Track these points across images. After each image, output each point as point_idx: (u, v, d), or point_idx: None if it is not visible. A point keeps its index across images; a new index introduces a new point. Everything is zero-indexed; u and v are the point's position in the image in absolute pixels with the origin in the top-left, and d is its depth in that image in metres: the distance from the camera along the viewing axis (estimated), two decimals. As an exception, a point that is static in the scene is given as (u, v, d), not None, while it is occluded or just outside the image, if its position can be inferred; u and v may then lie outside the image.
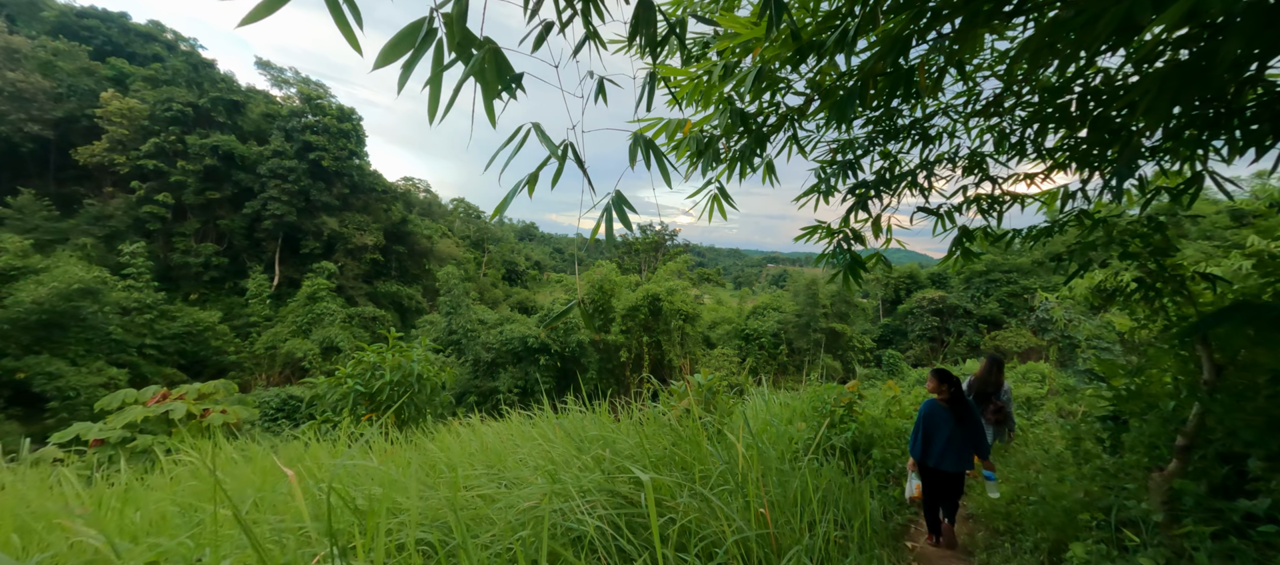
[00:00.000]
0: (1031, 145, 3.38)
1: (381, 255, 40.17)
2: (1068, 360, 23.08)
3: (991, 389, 4.81)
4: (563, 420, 4.81)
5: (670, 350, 30.38)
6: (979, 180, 3.60)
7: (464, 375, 28.68)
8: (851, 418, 4.34)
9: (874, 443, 4.35)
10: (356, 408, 5.51)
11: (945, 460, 3.76)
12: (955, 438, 3.76)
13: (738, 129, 2.62)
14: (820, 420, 4.37)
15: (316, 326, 30.63)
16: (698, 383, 4.72)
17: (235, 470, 4.24)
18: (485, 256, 63.26)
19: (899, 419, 5.17)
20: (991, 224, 3.73)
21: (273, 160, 32.83)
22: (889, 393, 5.79)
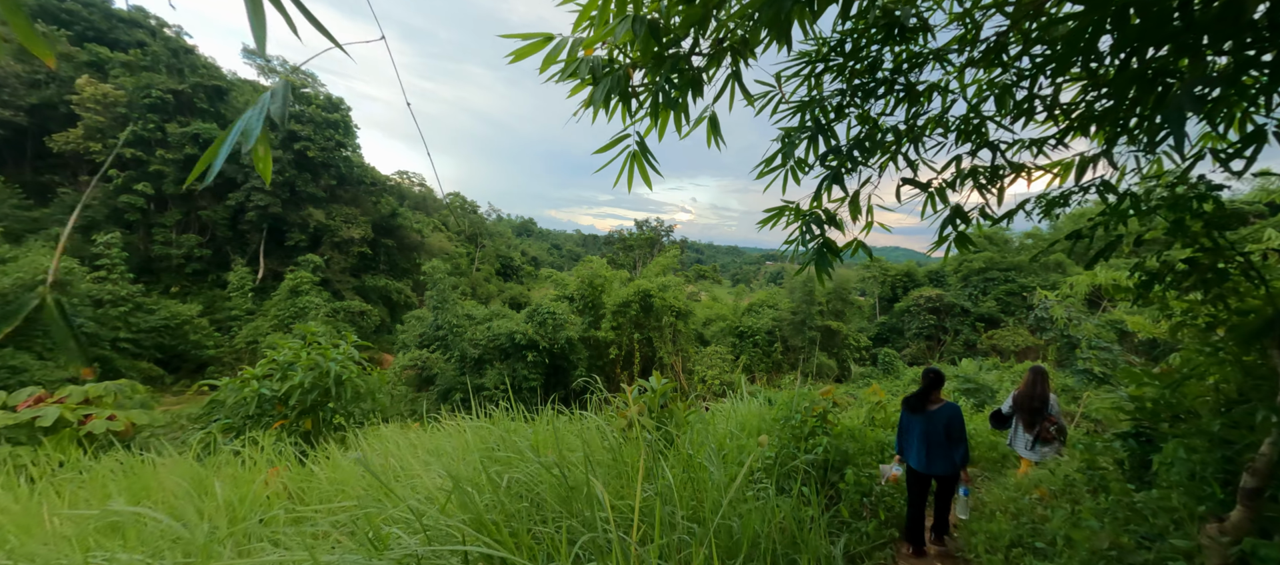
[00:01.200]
0: (1041, 102, 2.75)
1: (370, 249, 39.44)
2: (1066, 360, 22.54)
3: (1038, 402, 4.47)
4: (492, 427, 4.18)
5: (662, 348, 29.77)
6: (975, 148, 2.97)
7: (450, 372, 28.05)
8: (824, 429, 3.71)
9: (849, 460, 3.73)
10: (265, 414, 4.86)
11: (918, 459, 3.73)
12: (922, 435, 3.74)
13: (651, 52, 1.97)
14: (789, 432, 3.74)
15: (299, 321, 29.91)
16: (651, 388, 4.08)
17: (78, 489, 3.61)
18: (479, 251, 62.57)
19: (883, 430, 4.54)
20: (990, 203, 3.10)
21: (256, 150, 32.04)
22: (874, 397, 5.16)
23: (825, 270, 3.36)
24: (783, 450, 3.58)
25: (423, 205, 69.45)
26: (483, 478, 2.50)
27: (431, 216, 63.23)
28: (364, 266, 39.91)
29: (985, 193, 3.07)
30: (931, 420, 3.71)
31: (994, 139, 2.90)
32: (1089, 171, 2.77)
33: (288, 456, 4.10)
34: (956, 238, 3.21)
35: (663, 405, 4.07)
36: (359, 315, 35.10)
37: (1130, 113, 2.48)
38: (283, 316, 29.39)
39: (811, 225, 3.17)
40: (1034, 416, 4.45)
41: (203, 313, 30.40)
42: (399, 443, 4.15)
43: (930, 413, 3.74)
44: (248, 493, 3.23)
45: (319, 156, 34.18)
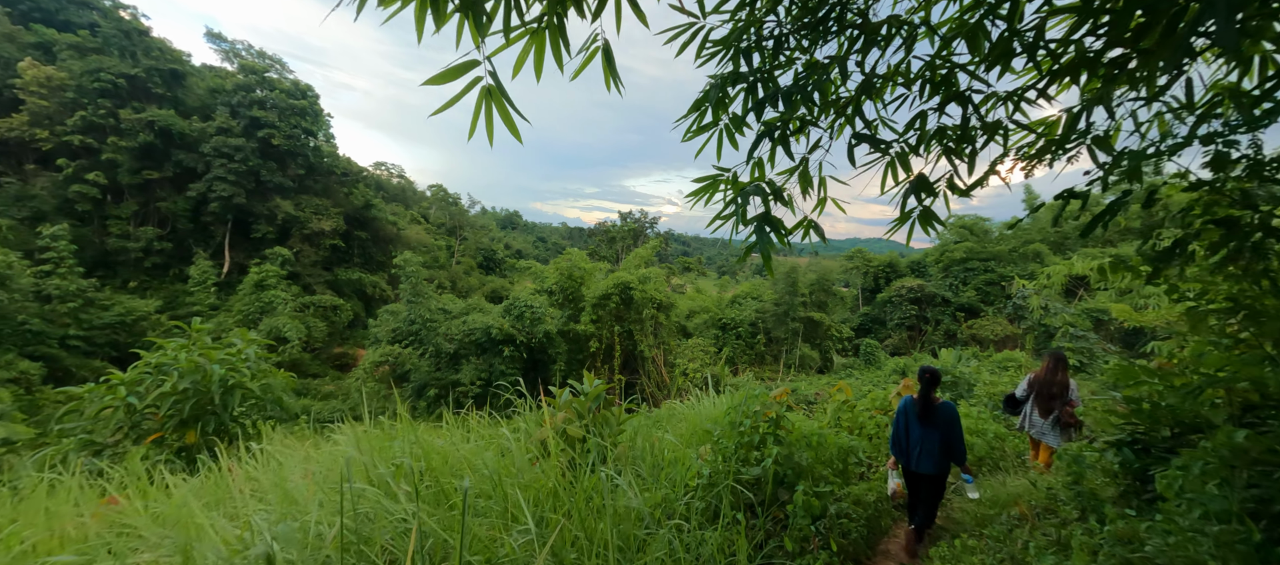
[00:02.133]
0: (1021, 43, 2.25)
1: (343, 241, 38.19)
2: (1043, 348, 22.55)
3: (1057, 390, 4.43)
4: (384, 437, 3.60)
5: (643, 340, 29.28)
6: (943, 102, 2.46)
7: (424, 368, 27.26)
8: (776, 438, 3.22)
9: (805, 473, 3.24)
10: (136, 426, 4.21)
11: (918, 461, 3.65)
12: (923, 437, 3.66)
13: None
14: (735, 440, 3.24)
15: (267, 316, 28.80)
16: (582, 391, 3.54)
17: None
18: (459, 244, 61.37)
19: (847, 436, 4.06)
20: (960, 172, 2.61)
21: (217, 138, 30.59)
22: (839, 397, 4.68)
23: (768, 252, 2.84)
24: (726, 463, 3.08)
25: (402, 197, 67.88)
26: (311, 519, 1.94)
27: (411, 209, 61.80)
28: (337, 259, 38.66)
29: (955, 158, 2.56)
30: (935, 423, 3.64)
31: (965, 89, 2.39)
32: (1078, 127, 2.27)
33: (141, 480, 3.46)
34: (921, 215, 2.71)
35: (594, 410, 3.53)
36: (331, 310, 33.98)
37: (1133, 46, 1.98)
38: (248, 312, 28.23)
39: (752, 197, 2.64)
40: (1052, 402, 4.42)
41: (163, 308, 29.07)
42: (284, 459, 3.55)
43: (925, 409, 3.67)
44: (65, 530, 2.62)
45: (285, 145, 32.80)
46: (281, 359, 26.82)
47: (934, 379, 3.67)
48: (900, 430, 3.73)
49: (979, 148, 2.57)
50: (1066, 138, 2.27)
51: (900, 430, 3.73)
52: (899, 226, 2.75)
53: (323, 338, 31.94)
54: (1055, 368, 4.49)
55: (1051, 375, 4.46)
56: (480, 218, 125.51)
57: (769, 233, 2.79)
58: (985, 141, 2.56)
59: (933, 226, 2.69)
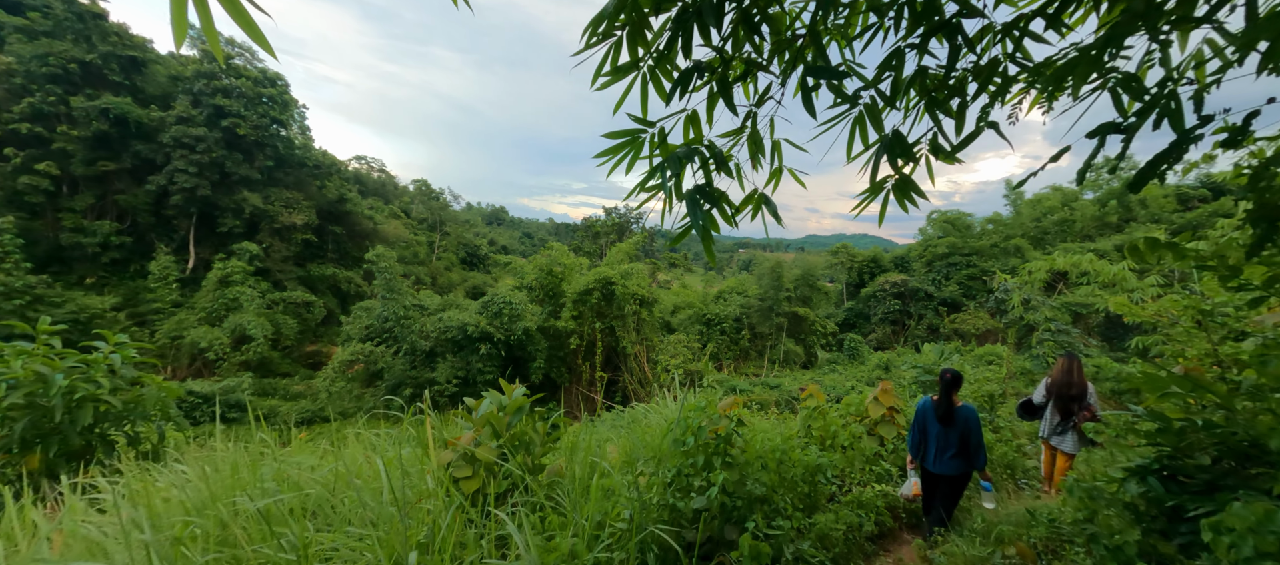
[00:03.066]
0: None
1: (316, 236, 36.93)
2: (1025, 342, 22.54)
3: (1077, 391, 4.28)
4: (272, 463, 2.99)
5: (625, 337, 28.72)
6: (925, 36, 1.91)
7: (399, 366, 26.41)
8: (726, 459, 2.67)
9: (760, 502, 2.70)
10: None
11: (937, 461, 3.65)
12: (941, 438, 3.66)
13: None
14: (677, 463, 2.69)
15: (233, 313, 27.63)
16: (499, 404, 2.96)
17: None
18: (440, 239, 60.16)
19: (816, 451, 3.53)
20: (944, 131, 2.07)
21: (177, 127, 29.17)
22: (810, 403, 4.16)
23: (708, 234, 2.28)
24: (664, 493, 2.53)
25: (382, 191, 66.42)
26: None
27: (391, 203, 60.38)
28: (310, 255, 37.41)
29: (939, 111, 2.02)
30: (954, 424, 3.60)
31: (952, 17, 1.84)
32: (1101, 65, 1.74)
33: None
34: (898, 185, 2.16)
35: (511, 426, 2.94)
36: (303, 307, 32.83)
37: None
38: (211, 309, 27.04)
39: (685, 163, 2.07)
40: (1070, 405, 4.27)
41: (121, 306, 27.75)
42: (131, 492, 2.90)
43: (946, 411, 3.61)
44: None
45: (252, 135, 31.45)
46: (246, 358, 25.74)
47: (955, 381, 3.61)
48: (917, 432, 3.73)
49: (969, 98, 2.02)
50: (1083, 78, 1.73)
51: (917, 432, 3.73)
52: (870, 200, 2.19)
53: (293, 336, 30.83)
54: (1069, 368, 4.30)
55: (1067, 377, 4.27)
56: (465, 213, 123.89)
57: (709, 209, 2.22)
58: (978, 90, 2.02)
59: (911, 200, 2.15)
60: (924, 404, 3.72)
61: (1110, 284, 10.05)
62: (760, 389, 28.94)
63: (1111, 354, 23.55)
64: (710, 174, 2.21)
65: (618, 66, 1.96)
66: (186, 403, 20.98)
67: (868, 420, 4.17)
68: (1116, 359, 22.43)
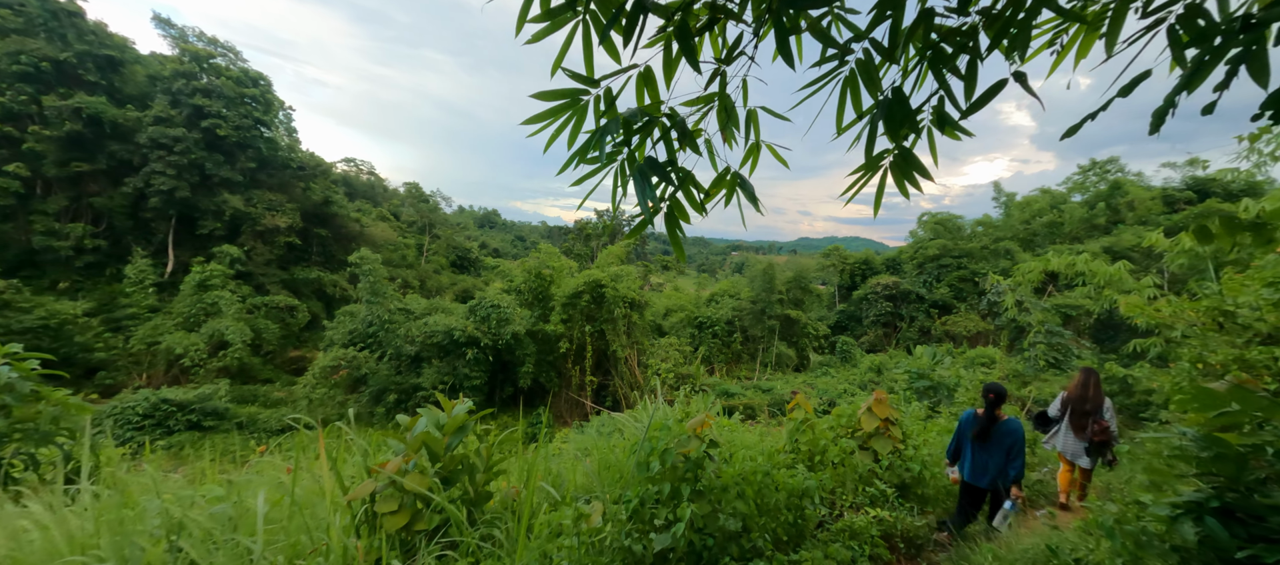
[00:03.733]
0: None
1: (300, 239, 36.18)
2: (1017, 344, 22.42)
3: (1090, 406, 4.23)
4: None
5: (615, 341, 28.29)
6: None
7: (384, 371, 25.78)
8: (696, 487, 2.28)
9: (733, 540, 2.31)
10: None
11: (971, 472, 3.64)
12: (979, 454, 3.62)
13: None
14: (640, 493, 2.30)
15: (212, 318, 26.87)
16: (434, 425, 2.54)
17: None
18: (431, 242, 59.47)
19: (803, 472, 3.15)
20: (954, 93, 1.71)
21: (154, 128, 28.41)
22: (799, 415, 3.78)
23: (674, 222, 1.92)
24: (625, 524, 2.14)
25: (371, 194, 65.63)
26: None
27: (380, 206, 59.64)
28: (294, 258, 36.64)
29: (945, 69, 1.66)
30: (994, 438, 3.54)
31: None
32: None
33: None
34: (897, 160, 1.79)
35: (452, 448, 2.53)
36: (286, 311, 32.09)
37: None
38: (189, 314, 26.28)
39: (631, 128, 1.69)
40: (1086, 419, 4.22)
41: (96, 311, 26.89)
42: None
43: (993, 431, 3.56)
44: None
45: (233, 136, 30.72)
46: (225, 364, 25.01)
47: (999, 398, 3.58)
48: (956, 442, 3.70)
49: (983, 53, 1.65)
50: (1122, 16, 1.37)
51: (956, 442, 3.70)
52: (865, 181, 1.82)
53: (275, 341, 30.09)
54: (1086, 382, 4.28)
55: (1083, 391, 4.26)
56: (457, 216, 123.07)
57: (673, 192, 1.84)
58: (991, 43, 1.65)
59: (912, 182, 1.77)
60: (967, 416, 3.69)
61: (1106, 285, 9.79)
62: (752, 392, 28.63)
63: (1102, 357, 23.49)
64: (672, 148, 1.83)
65: (550, 9, 1.57)
66: (160, 411, 20.26)
67: (861, 434, 3.82)
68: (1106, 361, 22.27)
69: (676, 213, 1.89)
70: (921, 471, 3.66)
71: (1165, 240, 8.78)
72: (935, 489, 3.71)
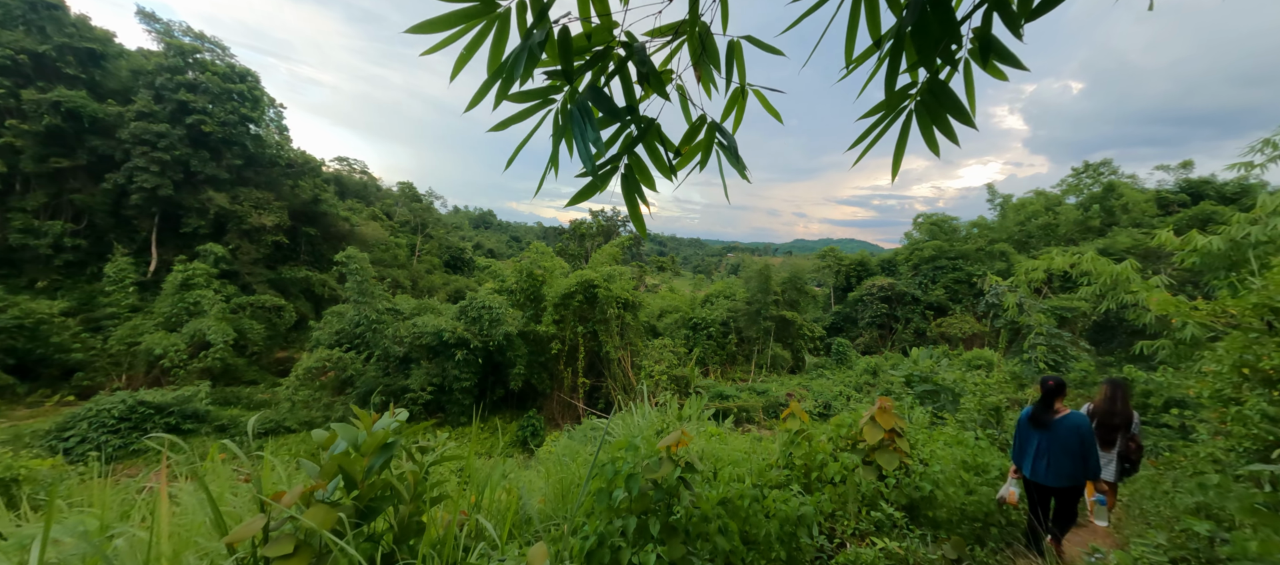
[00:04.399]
0: None
1: (288, 238, 35.54)
2: (1013, 346, 22.15)
3: (1120, 419, 4.13)
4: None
5: (608, 342, 27.83)
6: None
7: (371, 373, 25.23)
8: (667, 521, 1.85)
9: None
10: None
11: (1037, 470, 3.56)
12: (1044, 446, 3.55)
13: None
14: (601, 526, 1.87)
15: (195, 318, 26.21)
16: (356, 441, 2.10)
17: None
18: (424, 242, 58.85)
19: (797, 495, 2.72)
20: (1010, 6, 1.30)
21: (137, 123, 27.74)
22: (794, 425, 3.36)
23: (632, 190, 1.49)
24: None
25: (363, 193, 64.88)
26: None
27: (372, 205, 58.96)
28: (282, 257, 35.98)
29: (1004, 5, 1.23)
30: (1056, 432, 3.49)
31: None
32: None
33: None
34: (924, 99, 1.37)
35: (375, 470, 2.08)
36: (272, 311, 31.44)
37: None
38: (171, 314, 25.62)
39: (581, 65, 1.25)
40: (1115, 434, 4.12)
41: (74, 310, 26.19)
42: None
43: (1054, 424, 3.52)
44: None
45: (218, 132, 30.06)
46: (207, 365, 24.37)
47: (1058, 389, 3.53)
48: (1018, 440, 3.64)
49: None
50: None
51: (1018, 440, 3.64)
52: (883, 127, 1.39)
53: (261, 341, 29.44)
54: (1114, 396, 4.14)
55: (1111, 405, 4.11)
56: (453, 217, 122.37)
57: (633, 135, 1.43)
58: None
59: (947, 134, 1.35)
60: (1025, 413, 3.64)
61: (1113, 285, 9.43)
62: (747, 395, 28.24)
63: (1099, 359, 23.26)
64: (631, 89, 1.40)
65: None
66: (137, 414, 19.63)
67: (863, 446, 3.41)
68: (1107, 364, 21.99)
69: (638, 173, 1.47)
70: (933, 491, 3.24)
71: (1175, 238, 8.45)
72: (949, 511, 3.29)
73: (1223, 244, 7.38)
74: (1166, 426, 5.90)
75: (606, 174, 1.42)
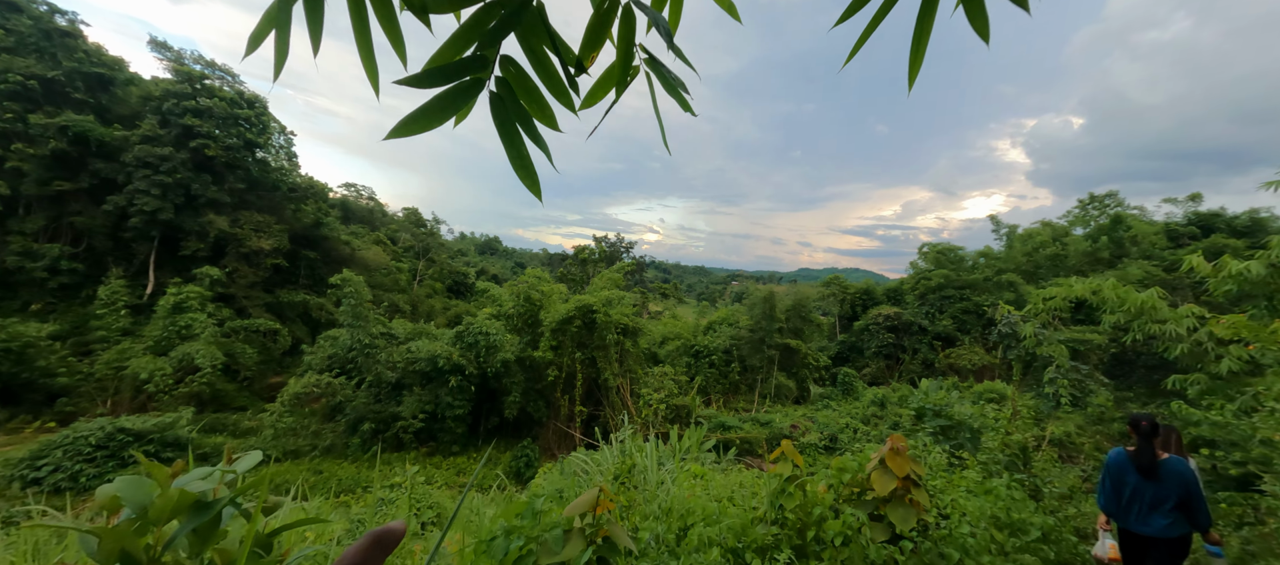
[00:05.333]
0: None
1: (287, 261, 35.38)
2: (1029, 380, 21.17)
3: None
4: None
5: (606, 369, 27.07)
6: None
7: (362, 399, 24.52)
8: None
9: None
10: None
11: (1135, 519, 3.30)
12: (1142, 492, 3.27)
13: None
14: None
15: (187, 341, 25.76)
16: (142, 503, 1.52)
17: None
18: (423, 267, 58.77)
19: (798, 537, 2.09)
20: None
21: (141, 146, 27.96)
22: (785, 469, 2.75)
23: (507, 112, 0.86)
24: None
25: (369, 219, 65.29)
26: None
27: (377, 230, 59.21)
28: (281, 281, 35.74)
29: None
30: (1158, 477, 3.24)
31: None
32: None
33: None
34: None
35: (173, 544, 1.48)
36: (267, 335, 30.99)
37: None
38: (162, 337, 25.18)
39: None
40: None
41: (67, 334, 25.82)
42: None
43: (1157, 468, 3.26)
44: None
45: (221, 156, 30.26)
46: (195, 390, 23.75)
47: (1154, 429, 3.31)
48: (1110, 487, 3.42)
49: None
50: None
51: (1110, 487, 3.42)
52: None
53: (253, 366, 28.88)
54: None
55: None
56: (458, 243, 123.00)
57: (495, 23, 0.87)
58: None
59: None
60: (1118, 456, 3.43)
61: (1138, 314, 8.78)
62: (750, 425, 27.19)
63: (1118, 394, 22.23)
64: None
65: None
66: (115, 442, 18.94)
67: (872, 497, 2.78)
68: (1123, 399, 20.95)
69: (518, 91, 0.93)
70: (961, 561, 2.59)
71: (1206, 264, 7.84)
72: (983, 587, 2.63)
73: (1263, 269, 6.78)
74: (1227, 475, 5.19)
75: (462, 87, 0.89)
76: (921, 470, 2.81)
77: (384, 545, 0.46)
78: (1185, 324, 8.43)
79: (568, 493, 2.90)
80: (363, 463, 22.79)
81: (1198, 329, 8.37)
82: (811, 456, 23.62)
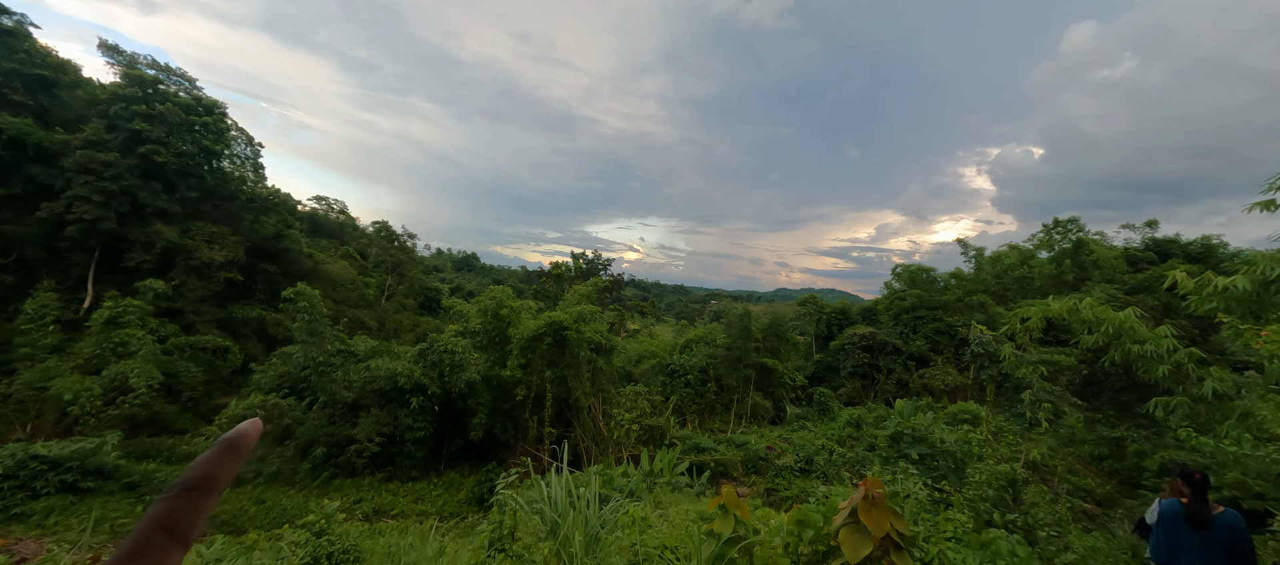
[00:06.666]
0: None
1: (243, 274, 33.53)
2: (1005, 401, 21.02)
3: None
4: None
5: (578, 388, 26.05)
6: None
7: (314, 420, 22.93)
8: None
9: None
10: None
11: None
12: (1200, 548, 3.20)
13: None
14: None
15: (124, 359, 23.81)
16: None
17: None
18: (393, 282, 56.86)
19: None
20: None
21: (83, 152, 26.22)
22: (725, 529, 2.06)
23: None
24: None
25: (339, 233, 63.14)
26: None
27: (346, 245, 57.21)
28: (235, 295, 33.79)
29: None
30: (1215, 532, 3.14)
31: None
32: None
33: None
34: None
35: None
36: (215, 353, 29.04)
37: None
38: (96, 354, 23.22)
39: None
40: None
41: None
42: None
43: (1212, 522, 3.18)
44: None
45: (173, 163, 28.64)
46: (128, 412, 21.83)
47: (1205, 483, 3.31)
48: (1166, 539, 3.34)
49: None
50: None
51: (1166, 539, 3.34)
52: None
53: (199, 385, 26.91)
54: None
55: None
56: (435, 259, 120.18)
57: None
58: None
59: None
60: (1172, 508, 3.38)
61: (1117, 335, 8.44)
62: (725, 447, 26.43)
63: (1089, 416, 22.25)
64: None
65: None
66: (27, 471, 17.06)
67: (840, 563, 2.12)
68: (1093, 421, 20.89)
69: None
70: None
71: (1188, 280, 7.56)
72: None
73: (1249, 284, 6.52)
74: (1144, 488, 4.68)
75: None
76: (904, 527, 2.17)
77: (236, 449, 0.46)
78: (1165, 344, 8.13)
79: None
80: (312, 490, 21.15)
81: (1178, 349, 8.07)
82: (787, 479, 22.90)
